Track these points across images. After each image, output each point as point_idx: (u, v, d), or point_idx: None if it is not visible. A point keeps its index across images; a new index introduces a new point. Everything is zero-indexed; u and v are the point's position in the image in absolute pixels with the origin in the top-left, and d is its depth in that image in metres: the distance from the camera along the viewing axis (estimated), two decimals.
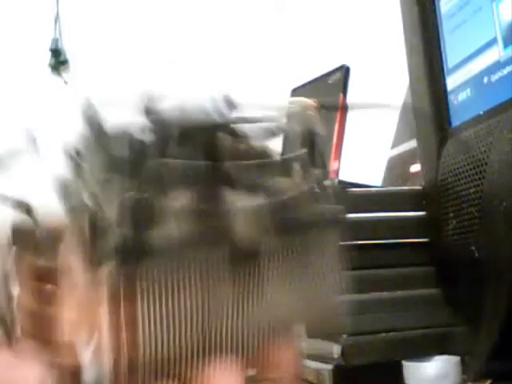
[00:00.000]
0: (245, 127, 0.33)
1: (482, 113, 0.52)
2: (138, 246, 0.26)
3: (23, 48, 1.93)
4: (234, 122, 0.32)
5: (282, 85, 0.99)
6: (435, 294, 0.58)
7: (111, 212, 0.26)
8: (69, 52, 1.98)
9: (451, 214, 0.54)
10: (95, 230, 0.26)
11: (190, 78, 1.96)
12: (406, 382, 0.55)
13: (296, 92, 0.77)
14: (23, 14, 1.94)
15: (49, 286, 0.29)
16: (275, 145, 0.35)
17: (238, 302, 0.28)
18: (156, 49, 1.97)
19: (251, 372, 0.29)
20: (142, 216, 0.26)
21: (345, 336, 0.54)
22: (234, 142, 0.31)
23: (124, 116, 0.31)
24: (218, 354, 0.27)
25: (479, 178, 0.50)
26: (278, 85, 1.70)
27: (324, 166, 0.33)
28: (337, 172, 0.64)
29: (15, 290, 0.30)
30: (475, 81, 0.54)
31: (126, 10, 1.98)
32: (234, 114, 0.32)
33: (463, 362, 0.55)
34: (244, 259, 0.28)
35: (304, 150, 0.32)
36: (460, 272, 0.57)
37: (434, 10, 0.58)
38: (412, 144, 0.81)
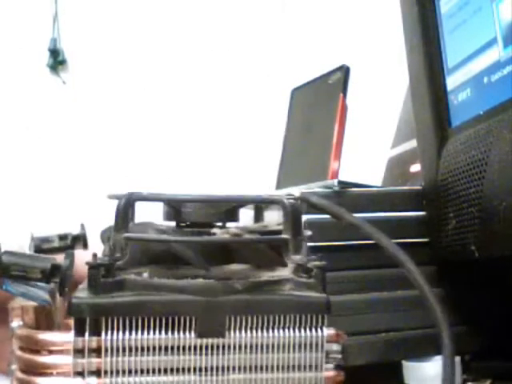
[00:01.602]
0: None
1: (481, 113, 0.52)
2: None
3: (22, 48, 1.93)
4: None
5: (282, 85, 0.99)
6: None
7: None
8: (67, 52, 1.98)
9: (451, 214, 0.54)
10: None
11: (188, 76, 1.96)
12: (406, 382, 0.55)
13: (296, 92, 0.77)
14: (22, 14, 1.94)
15: None
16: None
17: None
18: (155, 48, 1.97)
19: None
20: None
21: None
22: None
23: None
24: None
25: (479, 178, 0.50)
26: (277, 85, 1.70)
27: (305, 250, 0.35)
28: (337, 172, 0.63)
29: None
30: (475, 81, 0.54)
31: (124, 9, 1.98)
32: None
33: (463, 362, 0.55)
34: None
35: (286, 236, 0.35)
36: (460, 272, 0.57)
37: (434, 10, 0.58)
38: (412, 144, 0.81)
